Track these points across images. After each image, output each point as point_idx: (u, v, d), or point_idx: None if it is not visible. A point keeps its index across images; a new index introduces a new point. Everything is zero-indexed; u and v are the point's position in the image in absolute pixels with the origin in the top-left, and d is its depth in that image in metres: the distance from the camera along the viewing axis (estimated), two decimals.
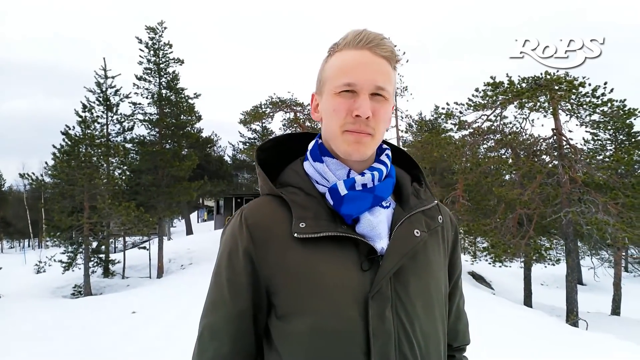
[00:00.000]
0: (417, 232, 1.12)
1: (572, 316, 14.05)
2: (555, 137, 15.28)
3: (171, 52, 21.07)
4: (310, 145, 1.22)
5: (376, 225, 1.08)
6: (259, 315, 1.10)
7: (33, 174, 17.63)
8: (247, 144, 31.63)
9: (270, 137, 1.31)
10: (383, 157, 1.19)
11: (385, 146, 1.24)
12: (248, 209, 1.12)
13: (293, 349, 1.03)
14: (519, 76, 15.27)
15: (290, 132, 1.27)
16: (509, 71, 15.18)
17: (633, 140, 20.09)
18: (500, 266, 16.08)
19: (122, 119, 20.34)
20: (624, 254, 20.01)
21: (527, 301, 17.58)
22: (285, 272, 1.04)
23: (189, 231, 34.74)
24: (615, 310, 17.88)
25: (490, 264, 16.39)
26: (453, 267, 1.29)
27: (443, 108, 17.41)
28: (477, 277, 21.63)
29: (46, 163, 18.28)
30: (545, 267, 16.89)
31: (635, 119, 15.10)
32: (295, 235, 1.03)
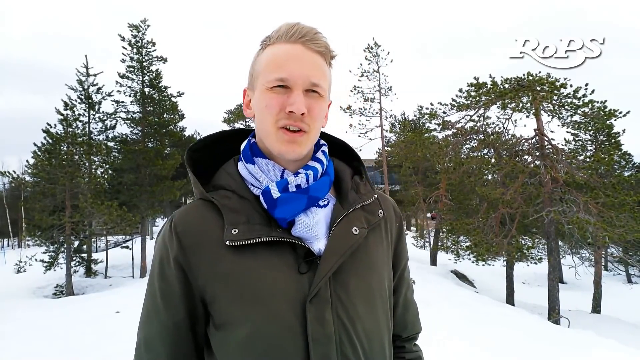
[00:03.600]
0: (355, 230, 1.09)
1: (554, 314, 14.20)
2: (537, 137, 15.43)
3: (154, 50, 20.93)
4: (242, 145, 1.17)
5: (312, 227, 1.05)
6: (196, 325, 1.06)
7: (14, 172, 17.40)
8: None
9: (202, 137, 1.24)
10: (319, 154, 1.15)
11: (322, 142, 1.20)
12: (178, 215, 1.08)
13: (232, 358, 1.00)
14: (501, 77, 15.41)
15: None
16: (509, 71, 15.23)
17: (613, 140, 20.37)
18: (482, 265, 16.21)
19: (105, 117, 20.22)
20: (603, 253, 20.28)
21: (510, 299, 17.74)
22: (219, 280, 1.00)
23: None
24: (596, 308, 18.10)
25: (473, 262, 16.53)
26: (398, 259, 1.26)
27: (427, 108, 17.51)
28: (460, 276, 21.80)
29: (27, 161, 17.95)
30: (528, 265, 17.07)
31: (615, 120, 15.29)
32: (227, 243, 0.99)
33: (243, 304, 0.98)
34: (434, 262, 23.78)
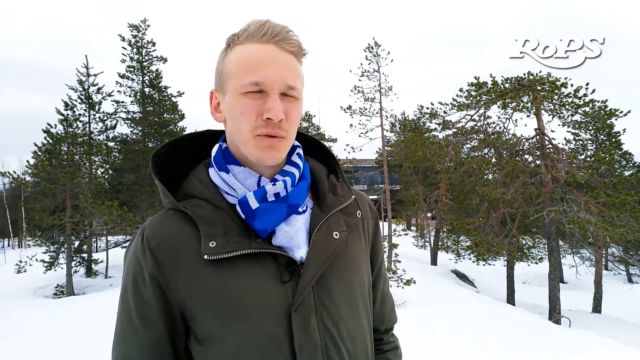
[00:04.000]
0: (336, 235, 1.06)
1: (554, 314, 14.20)
2: (537, 137, 15.42)
3: (154, 50, 20.96)
4: (213, 152, 1.10)
5: (293, 235, 1.01)
6: (176, 340, 1.01)
7: (14, 172, 17.40)
8: None
9: (167, 141, 1.17)
10: (295, 157, 1.10)
11: (296, 143, 1.15)
12: (150, 229, 1.02)
13: None
14: (502, 76, 15.40)
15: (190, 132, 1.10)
16: (509, 71, 15.28)
17: (613, 140, 20.40)
18: (483, 265, 16.22)
19: (105, 117, 20.24)
20: (604, 252, 20.27)
21: (510, 299, 17.72)
22: (198, 296, 0.96)
23: None
24: (597, 308, 18.09)
25: (473, 262, 16.54)
26: (375, 255, 1.24)
27: (427, 108, 17.50)
28: (461, 276, 21.79)
29: (27, 161, 17.97)
30: (528, 265, 17.05)
31: (615, 120, 15.29)
32: (206, 257, 0.94)
33: (225, 319, 0.95)
34: (434, 262, 23.75)
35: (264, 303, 0.96)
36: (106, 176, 20.50)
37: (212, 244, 0.95)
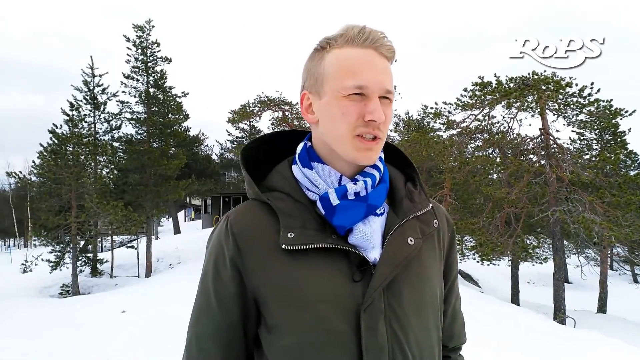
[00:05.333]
0: (410, 240, 1.07)
1: (559, 314, 14.17)
2: (542, 136, 15.39)
3: (159, 50, 20.99)
4: (298, 149, 1.14)
5: (370, 236, 1.03)
6: (247, 325, 1.06)
7: (20, 172, 17.50)
8: (235, 143, 31.52)
9: (257, 137, 1.24)
10: (376, 161, 1.10)
11: None
12: (234, 216, 1.07)
13: None
14: (506, 76, 15.37)
15: (277, 130, 1.14)
16: (508, 71, 15.20)
17: (619, 139, 20.34)
18: (487, 265, 16.18)
19: (110, 118, 20.30)
20: (609, 252, 20.21)
21: (515, 299, 17.69)
22: (271, 283, 0.99)
23: (177, 230, 34.63)
24: (602, 308, 18.04)
25: (477, 262, 16.50)
26: (449, 269, 1.24)
27: (432, 107, 17.48)
28: (465, 276, 21.76)
29: (33, 162, 18.06)
30: (533, 265, 17.03)
31: (621, 119, 15.24)
32: (283, 246, 0.98)
33: (295, 309, 0.98)
34: None
35: (333, 299, 0.98)
36: (111, 176, 20.56)
37: (291, 234, 0.99)
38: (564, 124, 16.11)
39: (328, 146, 1.07)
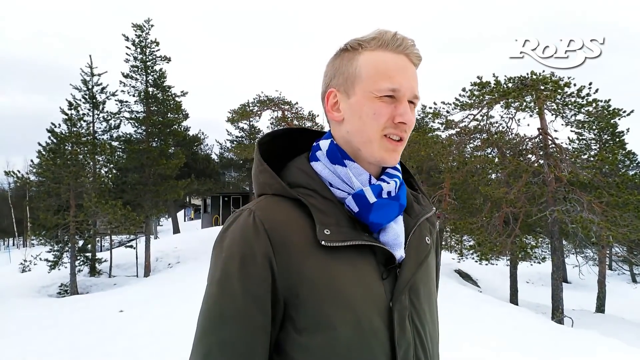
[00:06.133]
0: (427, 240, 1.14)
1: (557, 313, 14.18)
2: (540, 136, 15.39)
3: (158, 49, 20.99)
4: (323, 145, 1.13)
5: (400, 234, 1.07)
6: (272, 329, 1.00)
7: (18, 171, 17.48)
8: (235, 142, 31.49)
9: (270, 131, 1.22)
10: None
11: None
12: (261, 211, 1.01)
13: None
14: (505, 76, 15.37)
15: (273, 129, 1.14)
16: (508, 71, 15.20)
17: (617, 139, 20.37)
18: (486, 264, 16.19)
19: (109, 117, 20.31)
20: (608, 252, 20.24)
21: (513, 299, 17.71)
22: (307, 282, 0.97)
23: (176, 230, 34.59)
24: (600, 307, 18.07)
25: (476, 262, 16.49)
26: (436, 269, 1.31)
27: (430, 107, 17.48)
28: (464, 275, 21.79)
29: (31, 161, 18.06)
30: (531, 265, 17.07)
31: (619, 119, 15.25)
32: (323, 243, 0.97)
33: (333, 307, 0.97)
34: None
35: (367, 296, 1.00)
36: (110, 175, 20.52)
37: (327, 231, 0.99)
38: (562, 124, 16.12)
39: (352, 145, 1.09)
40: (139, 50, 20.58)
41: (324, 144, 1.13)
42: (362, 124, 1.05)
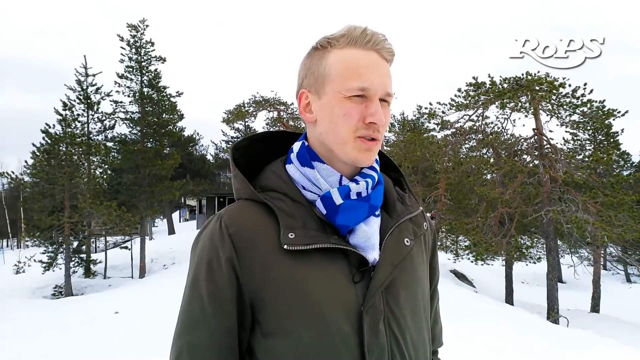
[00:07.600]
0: (407, 241, 1.09)
1: (552, 313, 14.22)
2: (536, 137, 15.44)
3: (153, 50, 20.95)
4: (295, 147, 1.12)
5: (371, 236, 1.03)
6: (241, 333, 1.01)
7: (12, 172, 17.41)
8: (230, 143, 31.50)
9: (246, 135, 1.20)
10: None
11: None
12: (228, 216, 1.02)
13: None
14: (500, 76, 15.41)
15: (268, 130, 1.11)
16: (507, 71, 15.25)
17: (612, 140, 20.44)
18: (482, 264, 16.24)
19: (103, 118, 20.24)
20: (602, 252, 20.30)
21: (509, 299, 17.74)
22: (273, 286, 0.96)
23: (171, 231, 34.53)
24: (595, 307, 18.12)
25: (472, 262, 16.54)
26: (433, 272, 1.27)
27: (426, 108, 17.51)
28: (459, 276, 21.81)
29: (25, 162, 17.97)
30: (527, 265, 17.09)
31: (613, 120, 15.32)
32: (285, 247, 0.96)
33: (298, 310, 0.96)
34: None
35: (336, 299, 0.97)
36: (105, 176, 20.49)
37: (292, 235, 0.97)
38: (557, 125, 16.20)
39: (326, 146, 1.06)
40: (134, 50, 20.54)
41: (296, 146, 1.12)
42: (334, 126, 1.02)
